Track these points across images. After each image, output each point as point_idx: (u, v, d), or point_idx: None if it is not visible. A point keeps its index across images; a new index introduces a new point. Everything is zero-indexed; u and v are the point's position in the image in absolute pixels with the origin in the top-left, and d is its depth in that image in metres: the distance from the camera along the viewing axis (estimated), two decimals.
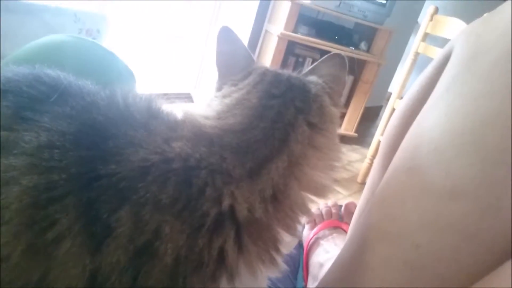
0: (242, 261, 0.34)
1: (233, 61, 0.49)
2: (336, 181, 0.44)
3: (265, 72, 0.46)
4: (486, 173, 0.31)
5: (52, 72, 0.40)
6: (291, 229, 0.38)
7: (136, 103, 0.38)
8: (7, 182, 0.30)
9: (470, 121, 0.33)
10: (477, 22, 0.39)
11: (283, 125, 0.39)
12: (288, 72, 0.48)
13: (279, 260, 0.37)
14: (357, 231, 0.46)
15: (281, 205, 0.36)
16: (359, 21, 2.30)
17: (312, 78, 0.47)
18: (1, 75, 0.39)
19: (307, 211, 0.39)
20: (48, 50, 0.68)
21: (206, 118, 0.40)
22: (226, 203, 0.33)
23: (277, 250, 0.37)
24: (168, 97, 0.42)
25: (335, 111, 0.46)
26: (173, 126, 0.37)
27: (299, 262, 0.81)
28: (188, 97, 2.44)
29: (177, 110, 0.41)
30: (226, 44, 0.50)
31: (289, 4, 2.05)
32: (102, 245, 0.29)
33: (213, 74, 0.50)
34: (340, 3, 2.17)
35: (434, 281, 0.34)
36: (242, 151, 0.36)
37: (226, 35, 0.50)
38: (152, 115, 0.37)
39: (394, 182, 0.40)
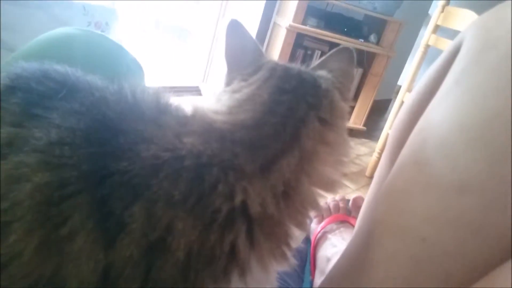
0: (254, 256, 0.34)
1: (242, 55, 0.49)
2: (345, 175, 0.44)
3: (275, 67, 0.46)
4: (494, 168, 0.31)
5: (60, 68, 0.40)
6: (302, 224, 0.38)
7: (145, 97, 0.38)
8: (18, 179, 0.30)
9: (479, 116, 0.33)
10: (487, 15, 0.39)
11: (294, 121, 0.39)
12: (297, 66, 0.48)
13: (290, 255, 0.38)
14: (364, 225, 0.46)
15: (292, 201, 0.36)
16: (369, 13, 2.27)
17: (322, 72, 0.47)
18: (11, 71, 0.39)
19: (317, 207, 0.39)
20: (57, 43, 0.68)
21: (217, 113, 0.40)
22: (238, 198, 0.33)
23: (288, 245, 0.37)
24: (177, 90, 0.42)
25: (345, 106, 0.46)
26: (183, 121, 0.37)
27: (307, 256, 0.81)
28: (196, 91, 2.44)
29: (185, 104, 0.41)
30: (235, 37, 0.50)
31: None
32: (115, 240, 0.29)
33: (221, 68, 0.50)
34: None
35: (440, 276, 0.34)
36: (254, 147, 0.36)
37: (235, 29, 0.49)
38: (161, 109, 0.37)
39: (401, 176, 0.40)
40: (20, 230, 0.29)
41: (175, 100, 0.40)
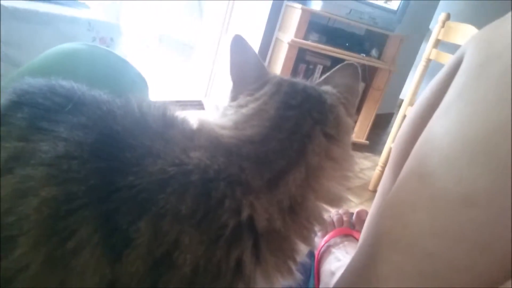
0: (259, 271, 0.33)
1: (247, 71, 0.49)
2: (349, 189, 0.44)
3: (281, 82, 0.46)
4: (499, 182, 0.31)
5: (66, 83, 0.40)
6: (308, 239, 0.38)
7: (151, 111, 0.38)
8: (25, 193, 0.30)
9: (482, 129, 0.33)
10: (487, 28, 0.39)
11: (300, 136, 0.39)
12: (303, 81, 0.48)
13: (295, 269, 0.37)
14: (368, 239, 0.45)
15: (298, 216, 0.36)
16: (370, 28, 2.30)
17: (327, 88, 0.47)
18: (17, 87, 0.39)
19: (322, 221, 0.39)
20: (63, 58, 0.69)
21: (223, 128, 0.40)
22: (245, 213, 0.33)
23: (294, 260, 0.37)
24: (180, 104, 0.42)
25: (350, 121, 0.46)
26: (190, 135, 0.37)
27: (311, 270, 0.80)
28: (199, 105, 2.45)
29: (190, 118, 0.41)
30: (239, 53, 0.50)
31: (299, 11, 2.06)
32: (121, 255, 0.29)
33: (223, 83, 0.50)
34: (351, 10, 2.17)
35: None
36: (261, 162, 0.36)
37: (239, 44, 0.50)
38: (168, 123, 0.38)
39: (405, 189, 0.40)
40: (26, 244, 0.29)
41: (180, 114, 0.40)
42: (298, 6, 2.08)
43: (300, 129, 0.40)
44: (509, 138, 0.31)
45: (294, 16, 2.14)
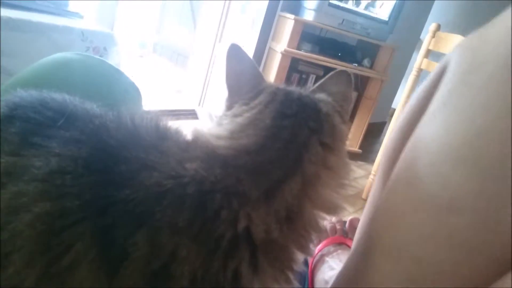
0: (257, 282, 0.33)
1: (243, 80, 0.49)
2: (345, 197, 0.44)
3: (276, 91, 0.46)
4: (484, 186, 0.31)
5: (58, 96, 0.40)
6: (305, 248, 0.38)
7: (144, 123, 0.38)
8: (17, 210, 0.30)
9: (467, 135, 0.33)
10: (472, 36, 0.40)
11: (297, 146, 0.39)
12: (298, 89, 0.48)
13: (293, 279, 0.37)
14: (359, 247, 0.45)
15: (295, 225, 0.36)
16: (362, 38, 2.32)
17: (322, 96, 0.47)
18: (9, 100, 0.39)
19: (319, 230, 0.39)
20: (56, 68, 0.69)
21: (219, 137, 0.40)
22: (241, 225, 0.32)
23: (292, 270, 0.37)
24: (173, 113, 0.42)
25: (345, 129, 0.46)
26: (184, 146, 0.37)
27: (305, 280, 0.80)
28: (193, 114, 2.45)
29: (184, 128, 0.41)
30: (236, 62, 0.50)
31: (292, 21, 2.08)
32: (118, 269, 0.29)
33: (218, 91, 0.50)
34: (343, 20, 2.19)
35: None
36: (257, 173, 0.36)
37: (235, 53, 0.50)
38: (161, 135, 0.37)
39: (394, 196, 0.40)
40: (19, 261, 0.29)
41: (174, 125, 0.40)
42: (291, 16, 2.10)
43: (297, 139, 0.39)
44: (493, 143, 0.31)
45: (287, 27, 2.16)
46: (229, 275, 0.31)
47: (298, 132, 0.40)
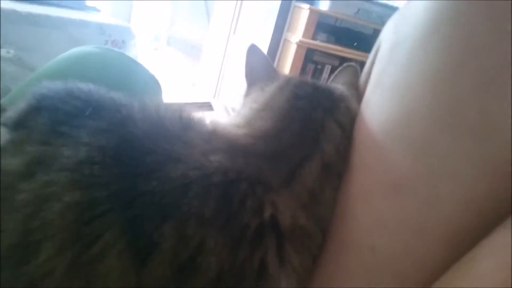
0: (284, 272, 0.33)
1: (260, 72, 0.50)
2: None
3: (290, 78, 0.46)
4: (419, 164, 0.31)
5: (84, 86, 0.40)
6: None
7: (169, 114, 0.38)
8: (48, 198, 0.30)
9: (398, 114, 0.33)
10: (397, 12, 0.39)
11: (313, 125, 0.39)
12: (311, 79, 0.48)
13: None
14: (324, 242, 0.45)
15: (319, 209, 0.36)
16: (378, 27, 2.28)
17: (334, 84, 0.48)
18: (36, 92, 0.39)
19: None
20: (77, 61, 0.70)
21: (237, 126, 0.40)
22: (267, 213, 0.32)
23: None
24: (189, 106, 0.42)
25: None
26: (207, 137, 0.37)
27: None
28: (208, 106, 2.47)
29: (205, 118, 0.41)
30: (253, 58, 0.52)
31: (307, 11, 2.06)
32: (146, 260, 0.29)
33: (233, 83, 0.52)
34: (359, 9, 2.16)
35: (393, 281, 0.33)
36: (277, 158, 0.36)
37: (253, 52, 0.52)
38: (185, 126, 0.37)
39: (348, 183, 0.39)
40: (51, 249, 0.29)
41: (196, 115, 0.40)
42: (306, 6, 2.08)
43: (312, 119, 0.39)
44: (421, 120, 0.31)
45: (302, 17, 2.14)
46: (255, 265, 0.31)
47: (313, 112, 0.40)
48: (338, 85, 0.47)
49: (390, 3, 2.27)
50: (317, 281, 0.42)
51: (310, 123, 0.39)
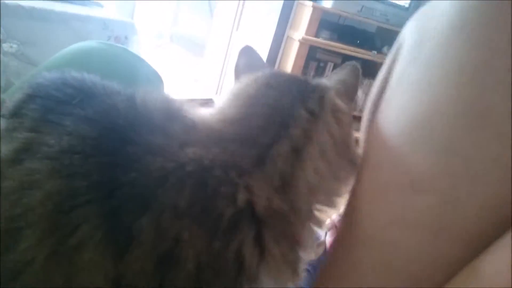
0: (263, 265, 0.33)
1: (250, 68, 0.50)
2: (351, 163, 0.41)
3: (267, 71, 0.46)
4: (440, 164, 0.31)
5: (78, 75, 0.40)
6: (310, 218, 0.38)
7: (154, 104, 0.38)
8: (31, 186, 0.30)
9: (420, 113, 0.33)
10: (422, 10, 0.38)
11: (280, 110, 0.39)
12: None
13: (299, 271, 0.37)
14: (338, 234, 0.45)
15: (293, 193, 0.36)
16: (382, 25, 2.28)
17: (318, 79, 0.47)
18: (33, 81, 0.39)
19: (322, 199, 0.39)
20: (80, 56, 0.70)
21: (213, 114, 0.40)
22: (242, 197, 0.32)
23: (301, 243, 0.36)
24: (192, 102, 0.42)
25: (341, 104, 0.44)
26: (189, 128, 0.36)
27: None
28: (210, 102, 2.47)
29: (197, 108, 0.41)
30: (245, 58, 0.52)
31: (310, 9, 2.05)
32: (125, 252, 0.29)
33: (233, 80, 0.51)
34: (362, 7, 2.16)
35: (409, 279, 0.33)
36: (246, 141, 0.36)
37: (246, 51, 0.52)
38: (170, 117, 0.37)
39: (363, 182, 0.39)
40: (32, 237, 0.29)
41: (187, 105, 0.40)
42: (309, 3, 2.08)
43: (280, 105, 0.39)
44: (445, 119, 0.30)
45: (305, 14, 2.13)
46: (231, 256, 0.31)
47: (282, 99, 0.40)
48: (324, 79, 0.47)
49: (394, 1, 2.26)
50: (331, 278, 0.42)
51: (278, 109, 0.39)
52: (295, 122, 0.38)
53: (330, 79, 0.47)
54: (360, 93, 0.55)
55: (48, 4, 1.33)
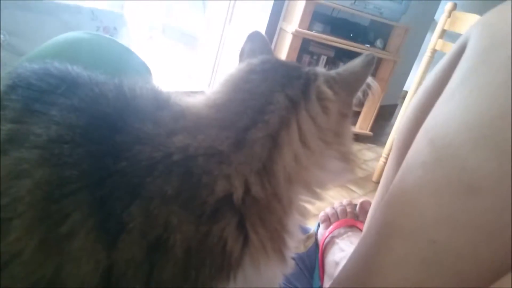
0: (247, 252, 0.33)
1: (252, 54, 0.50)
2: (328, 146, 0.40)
3: (259, 57, 0.46)
4: (503, 168, 0.30)
5: (60, 65, 0.40)
6: (292, 206, 0.38)
7: (143, 93, 0.38)
8: (18, 175, 0.30)
9: (487, 114, 0.32)
10: (491, 14, 0.39)
11: (259, 97, 0.39)
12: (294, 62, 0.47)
13: (286, 255, 0.37)
14: (371, 228, 0.45)
15: (274, 180, 0.36)
16: (375, 18, 2.28)
17: (311, 67, 0.46)
18: (13, 72, 0.39)
19: (297, 181, 0.38)
20: (66, 46, 0.69)
21: (201, 100, 0.41)
22: (220, 188, 0.32)
23: (284, 241, 0.36)
24: (184, 94, 0.42)
25: (328, 93, 0.42)
26: (177, 116, 0.37)
27: (315, 262, 0.80)
28: (202, 94, 2.45)
29: (184, 98, 0.41)
30: (252, 43, 0.51)
31: (303, 1, 2.04)
32: (117, 241, 0.29)
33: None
34: (355, 0, 2.15)
35: (453, 279, 0.33)
36: (224, 124, 0.36)
37: (254, 37, 0.52)
38: (159, 106, 0.37)
39: (409, 177, 0.39)
40: (20, 227, 0.29)
41: (174, 94, 0.40)
42: None
43: (259, 91, 0.40)
44: None
45: (298, 6, 2.12)
46: (217, 243, 0.31)
47: (261, 85, 0.40)
48: (319, 68, 0.46)
49: None
50: (364, 265, 0.43)
51: (257, 95, 0.39)
52: (272, 108, 0.38)
53: (344, 68, 0.45)
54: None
55: None
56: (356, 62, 0.45)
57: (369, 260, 0.43)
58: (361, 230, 0.82)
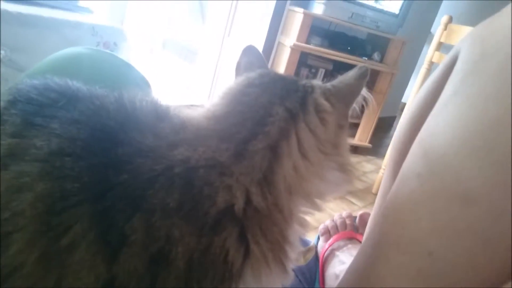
0: (248, 263, 0.33)
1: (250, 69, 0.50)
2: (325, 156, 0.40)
3: (260, 70, 0.47)
4: (498, 177, 0.31)
5: (60, 80, 0.40)
6: (293, 216, 0.38)
7: (143, 106, 0.38)
8: (20, 189, 0.30)
9: (480, 124, 0.33)
10: (481, 26, 0.39)
11: (258, 108, 0.40)
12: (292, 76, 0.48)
13: (287, 266, 0.37)
14: (369, 240, 0.45)
15: (275, 190, 0.36)
16: (372, 31, 2.30)
17: (307, 80, 0.47)
18: (13, 87, 0.39)
19: (298, 191, 0.39)
20: (67, 61, 0.69)
21: (200, 113, 0.41)
22: (222, 199, 0.33)
23: (285, 253, 0.36)
24: (183, 107, 0.42)
25: (326, 105, 0.43)
26: (178, 128, 0.37)
27: (316, 274, 0.80)
28: (201, 107, 2.46)
29: (184, 111, 0.41)
30: (247, 57, 0.52)
31: (301, 15, 2.07)
32: (118, 254, 0.29)
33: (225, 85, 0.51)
34: (353, 14, 2.17)
35: (455, 285, 0.33)
36: (223, 136, 0.37)
37: (249, 51, 0.53)
38: (159, 118, 0.38)
39: (404, 188, 0.39)
40: (21, 240, 0.29)
41: (174, 107, 0.40)
42: (300, 10, 2.09)
43: (259, 103, 0.40)
44: (507, 133, 0.30)
45: (296, 20, 2.14)
46: (219, 254, 0.31)
47: (260, 97, 0.41)
48: (315, 81, 0.46)
49: (384, 8, 2.28)
50: (361, 277, 0.43)
51: (256, 107, 0.40)
52: (272, 119, 0.39)
53: (339, 81, 0.46)
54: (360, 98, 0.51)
55: (36, 10, 1.32)
56: (350, 75, 0.45)
57: (366, 272, 0.43)
58: (361, 242, 0.82)
